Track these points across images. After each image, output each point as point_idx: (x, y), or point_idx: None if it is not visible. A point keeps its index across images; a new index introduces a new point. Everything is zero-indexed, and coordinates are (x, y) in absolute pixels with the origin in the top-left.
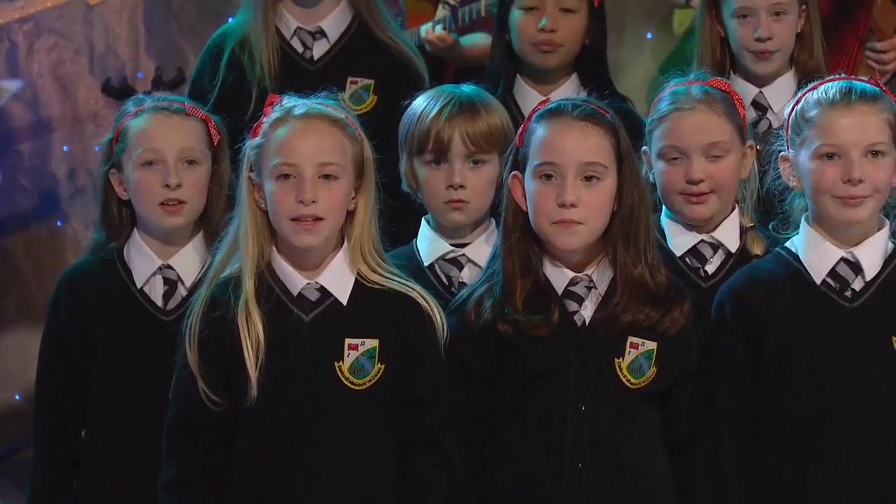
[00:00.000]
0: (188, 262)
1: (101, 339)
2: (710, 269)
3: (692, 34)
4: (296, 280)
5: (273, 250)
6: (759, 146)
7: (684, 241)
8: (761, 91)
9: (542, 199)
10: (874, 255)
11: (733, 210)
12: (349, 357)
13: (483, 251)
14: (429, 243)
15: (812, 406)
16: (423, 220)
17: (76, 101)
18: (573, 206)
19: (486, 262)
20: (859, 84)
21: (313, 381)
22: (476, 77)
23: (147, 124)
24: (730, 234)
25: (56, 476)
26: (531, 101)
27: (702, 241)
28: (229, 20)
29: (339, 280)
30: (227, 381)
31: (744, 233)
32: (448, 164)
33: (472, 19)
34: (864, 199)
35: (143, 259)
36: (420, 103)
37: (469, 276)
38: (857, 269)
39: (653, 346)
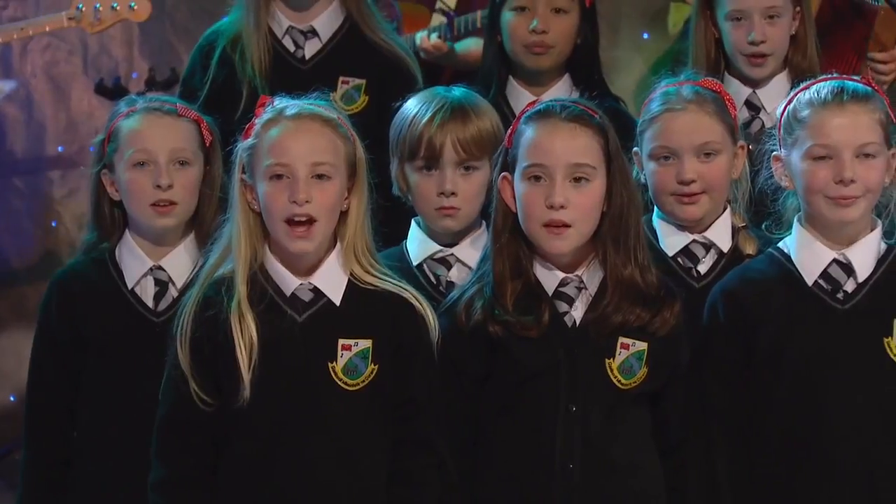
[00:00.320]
0: (179, 263)
1: (92, 340)
2: (703, 269)
3: (685, 34)
4: (289, 281)
5: (266, 251)
6: (751, 146)
7: (676, 242)
8: (754, 91)
9: (531, 201)
10: (866, 256)
11: (725, 210)
12: (343, 357)
13: (472, 251)
14: (418, 244)
15: (804, 407)
16: (413, 221)
17: (70, 101)
18: (562, 207)
19: (476, 264)
20: (851, 84)
21: (307, 381)
22: (471, 80)
23: (138, 125)
24: (722, 234)
25: (47, 477)
26: (524, 103)
27: (694, 241)
28: (223, 20)
29: (332, 281)
30: (219, 382)
31: (736, 233)
32: (440, 171)
33: (469, 29)
34: (856, 199)
35: (134, 260)
36: (411, 107)
37: (458, 276)
38: (848, 270)
39: (643, 346)
